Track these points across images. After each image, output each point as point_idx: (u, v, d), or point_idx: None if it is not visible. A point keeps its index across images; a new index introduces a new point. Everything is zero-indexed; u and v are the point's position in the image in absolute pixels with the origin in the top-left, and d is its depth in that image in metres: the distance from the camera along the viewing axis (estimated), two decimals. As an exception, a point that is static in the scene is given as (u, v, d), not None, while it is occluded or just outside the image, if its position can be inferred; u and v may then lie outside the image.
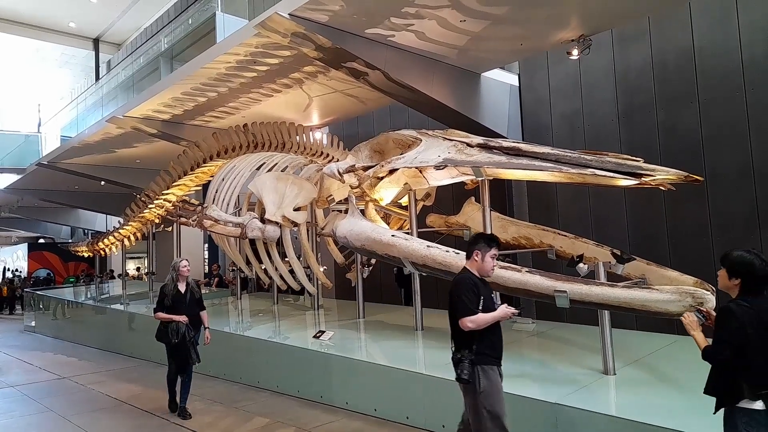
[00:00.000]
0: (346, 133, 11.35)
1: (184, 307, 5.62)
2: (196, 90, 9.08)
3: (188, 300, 5.68)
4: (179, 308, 5.59)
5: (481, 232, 3.57)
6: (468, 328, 3.31)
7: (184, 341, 5.48)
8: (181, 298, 5.64)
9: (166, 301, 5.58)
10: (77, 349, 10.29)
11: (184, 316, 5.56)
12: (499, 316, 3.37)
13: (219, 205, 8.17)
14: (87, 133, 12.35)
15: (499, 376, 3.40)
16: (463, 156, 5.06)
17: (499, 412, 3.28)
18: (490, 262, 3.49)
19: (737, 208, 7.27)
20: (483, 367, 3.31)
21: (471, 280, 3.44)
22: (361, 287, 7.63)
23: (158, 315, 5.61)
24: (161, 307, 5.60)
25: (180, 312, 5.56)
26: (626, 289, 3.80)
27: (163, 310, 5.58)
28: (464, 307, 3.34)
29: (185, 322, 5.54)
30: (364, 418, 5.03)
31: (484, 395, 3.28)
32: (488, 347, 3.36)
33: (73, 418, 5.73)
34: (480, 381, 3.29)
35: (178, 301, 5.62)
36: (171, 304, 5.57)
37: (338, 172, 6.32)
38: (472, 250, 3.54)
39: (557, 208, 8.92)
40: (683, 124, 7.71)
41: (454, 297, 3.43)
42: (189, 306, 5.67)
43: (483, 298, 3.38)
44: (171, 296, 5.58)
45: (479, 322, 3.30)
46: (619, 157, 4.17)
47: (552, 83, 9.05)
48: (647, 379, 4.39)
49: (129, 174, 14.79)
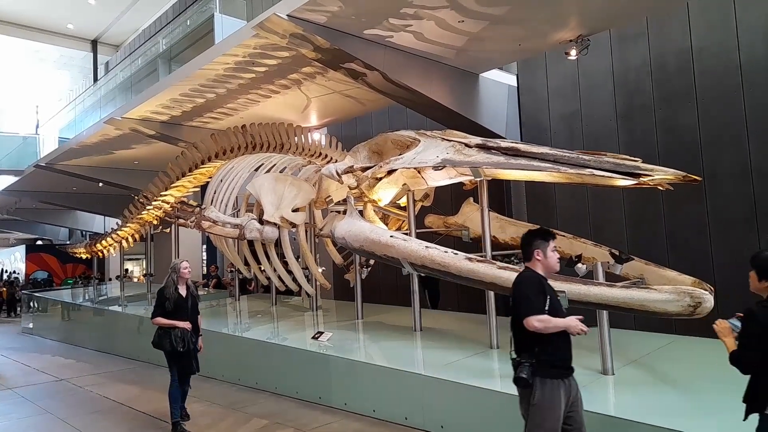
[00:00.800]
0: (344, 134, 11.35)
1: (186, 312, 5.26)
2: (194, 91, 9.08)
3: (190, 304, 5.33)
4: (181, 313, 5.22)
5: (532, 230, 3.29)
6: (534, 327, 2.98)
7: (188, 349, 5.16)
8: (183, 302, 5.26)
9: (168, 305, 5.19)
10: (75, 351, 10.26)
11: (188, 323, 5.21)
12: (569, 326, 3.03)
13: (217, 206, 8.16)
14: (85, 135, 12.34)
15: (564, 390, 3.03)
16: (461, 156, 5.06)
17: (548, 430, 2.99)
18: (553, 257, 3.22)
19: (736, 208, 7.27)
20: (543, 379, 3.01)
21: (537, 278, 3.17)
22: (360, 288, 7.63)
23: (158, 320, 5.20)
24: (161, 312, 5.21)
25: (182, 317, 5.20)
26: (624, 289, 3.80)
27: (163, 314, 5.20)
28: (530, 304, 3.03)
29: (189, 328, 5.20)
30: (363, 419, 5.02)
31: (536, 409, 3.01)
32: (552, 356, 3.03)
33: (71, 420, 5.71)
34: (536, 392, 3.01)
35: (180, 306, 5.24)
36: (173, 309, 5.19)
37: (336, 173, 6.31)
38: (531, 250, 3.23)
39: (556, 209, 8.92)
40: (682, 125, 7.71)
41: (518, 294, 3.16)
42: (191, 311, 5.32)
43: (550, 298, 3.10)
44: (173, 300, 5.20)
45: (547, 323, 2.99)
46: (618, 157, 4.17)
47: (550, 84, 9.06)
48: (646, 379, 4.39)
49: (127, 175, 14.77)
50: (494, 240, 6.31)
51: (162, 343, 5.18)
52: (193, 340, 5.24)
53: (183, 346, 5.12)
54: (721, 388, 4.10)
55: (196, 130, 10.94)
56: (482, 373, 4.73)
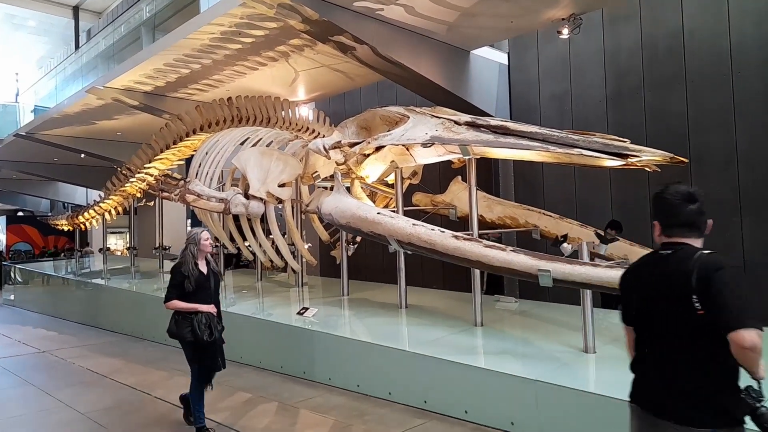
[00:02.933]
0: (332, 109, 11.21)
1: (209, 293, 4.37)
2: (178, 61, 8.87)
3: (213, 284, 4.43)
4: (203, 295, 4.32)
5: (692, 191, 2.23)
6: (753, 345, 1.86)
7: (215, 339, 4.28)
8: (204, 281, 4.34)
9: (187, 285, 4.25)
10: (57, 323, 10.18)
11: (213, 306, 4.35)
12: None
13: (202, 179, 8.05)
14: (66, 104, 12.04)
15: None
16: (450, 134, 5.02)
17: None
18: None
19: (720, 192, 7.35)
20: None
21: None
22: (346, 265, 7.62)
23: (174, 304, 4.27)
24: (178, 293, 4.27)
25: (204, 299, 4.30)
26: (608, 269, 3.83)
27: (181, 296, 4.28)
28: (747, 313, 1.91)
29: (214, 313, 4.34)
30: (347, 394, 5.06)
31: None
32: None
33: (54, 392, 5.68)
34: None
35: (202, 286, 4.31)
36: (193, 289, 4.27)
37: (324, 148, 6.24)
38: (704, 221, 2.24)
39: (543, 189, 8.95)
40: (670, 107, 7.73)
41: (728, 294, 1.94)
42: (214, 292, 4.45)
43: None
44: (194, 279, 4.27)
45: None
46: (606, 138, 4.17)
47: (541, 63, 9.00)
48: (626, 357, 4.46)
49: (110, 147, 14.50)
50: (481, 219, 6.32)
51: (181, 332, 4.24)
52: (219, 328, 4.35)
53: (210, 335, 4.21)
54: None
55: (180, 101, 10.72)
56: (465, 349, 4.78)
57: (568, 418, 3.74)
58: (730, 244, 7.25)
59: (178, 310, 4.29)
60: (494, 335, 5.20)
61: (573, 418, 3.72)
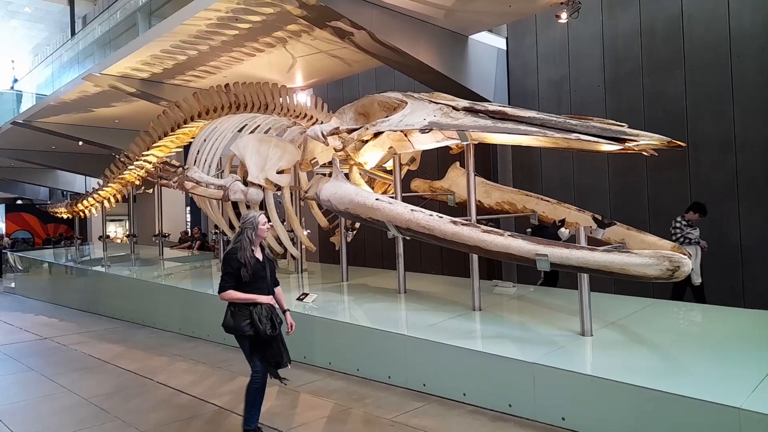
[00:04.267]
0: (330, 95, 11.18)
1: (266, 282, 3.97)
2: (175, 48, 8.83)
3: (269, 273, 4.02)
4: (260, 284, 3.92)
5: None
6: None
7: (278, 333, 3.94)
8: (261, 269, 3.93)
9: (244, 274, 3.83)
10: (58, 311, 10.23)
11: (272, 297, 3.97)
12: None
13: (200, 166, 8.05)
14: (63, 91, 12.00)
15: None
16: (448, 119, 5.02)
17: None
18: None
19: (717, 176, 7.38)
20: None
21: None
22: (345, 251, 7.65)
23: (231, 294, 3.85)
24: (234, 282, 3.86)
25: (262, 289, 3.92)
26: (605, 253, 3.86)
27: (238, 286, 3.86)
28: None
29: (274, 304, 3.98)
30: (347, 378, 5.12)
31: None
32: None
33: (56, 377, 5.73)
34: None
35: (259, 275, 3.91)
36: (250, 279, 3.86)
37: (322, 134, 6.23)
38: None
39: (541, 174, 8.96)
40: (668, 92, 7.72)
41: None
42: (272, 281, 4.05)
43: None
44: (251, 266, 3.86)
45: None
46: (604, 122, 4.17)
47: (540, 48, 8.97)
48: (623, 340, 4.51)
49: (107, 134, 14.47)
50: (479, 205, 6.33)
51: (239, 325, 3.83)
52: (279, 321, 3.95)
53: (272, 328, 3.85)
54: (695, 349, 4.24)
55: (178, 88, 10.69)
56: (464, 333, 4.83)
57: (565, 400, 3.80)
58: (726, 229, 7.29)
59: (235, 301, 3.87)
60: (492, 320, 5.25)
61: (569, 399, 3.78)
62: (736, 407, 3.07)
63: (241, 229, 3.98)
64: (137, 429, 4.22)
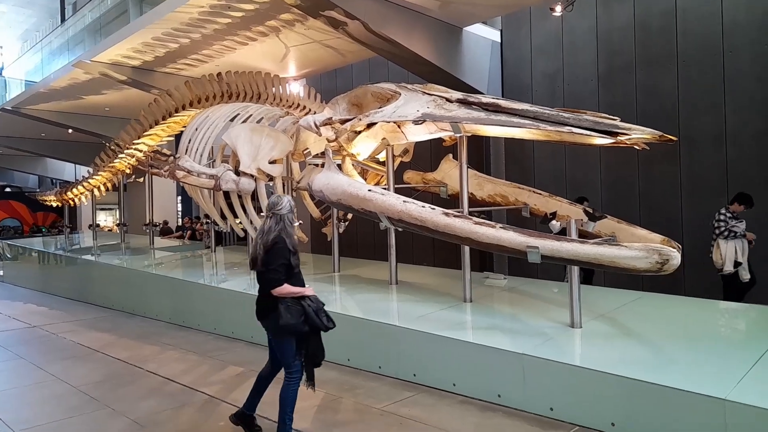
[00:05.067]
0: (324, 86, 11.12)
1: (301, 273, 3.69)
2: (167, 35, 8.74)
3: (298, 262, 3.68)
4: (299, 275, 3.65)
5: None
6: None
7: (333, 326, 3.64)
8: (297, 260, 3.64)
9: (294, 262, 3.55)
10: (47, 299, 10.17)
11: (311, 288, 3.64)
12: None
13: (192, 156, 8.00)
14: (53, 78, 11.85)
15: None
16: (442, 111, 5.01)
17: None
18: None
19: (708, 171, 7.43)
20: None
21: None
22: (337, 242, 7.65)
23: (287, 289, 3.46)
24: (285, 275, 3.48)
25: (300, 281, 3.64)
26: (596, 246, 3.88)
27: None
28: None
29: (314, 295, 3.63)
30: (338, 368, 5.13)
31: None
32: None
33: (45, 365, 5.71)
34: None
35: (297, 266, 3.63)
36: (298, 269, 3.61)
37: (315, 124, 6.20)
38: None
39: (533, 167, 8.99)
40: (661, 87, 7.75)
41: None
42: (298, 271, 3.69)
43: None
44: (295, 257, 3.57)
45: None
46: (597, 116, 4.18)
47: (534, 41, 8.96)
48: (611, 332, 4.56)
49: (98, 122, 14.34)
50: (471, 197, 6.35)
51: (297, 322, 3.45)
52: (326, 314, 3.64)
53: (328, 319, 3.58)
54: (682, 341, 4.29)
55: (169, 76, 10.59)
56: (455, 324, 4.85)
57: (554, 391, 3.84)
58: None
59: (289, 296, 3.47)
60: (483, 311, 5.28)
61: (558, 390, 3.82)
62: (722, 398, 3.11)
63: (274, 213, 3.54)
64: (127, 417, 4.21)
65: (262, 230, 3.59)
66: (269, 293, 3.50)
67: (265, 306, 3.56)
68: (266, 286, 3.51)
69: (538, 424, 3.75)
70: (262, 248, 3.52)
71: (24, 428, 4.11)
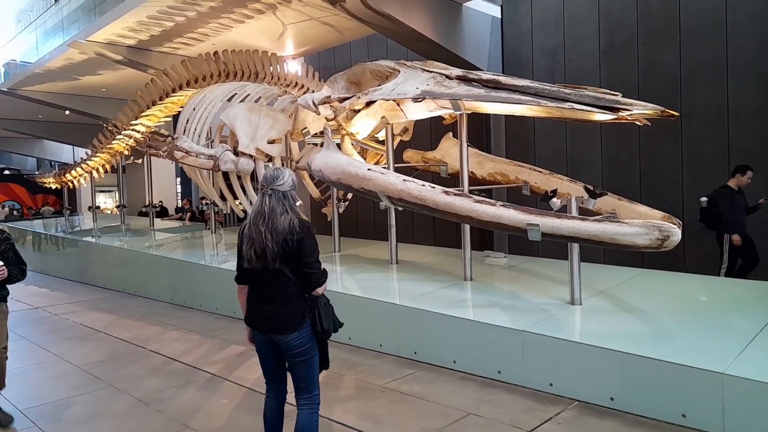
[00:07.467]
0: (322, 64, 11.00)
1: None
2: (162, 13, 8.61)
3: None
4: None
5: None
6: None
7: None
8: None
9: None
10: (49, 281, 10.21)
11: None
12: None
13: (190, 136, 7.94)
14: (48, 59, 11.72)
15: None
16: (442, 88, 4.95)
17: None
18: None
19: (709, 147, 7.38)
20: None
21: None
22: (337, 222, 7.65)
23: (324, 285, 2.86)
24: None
25: None
26: (596, 223, 3.87)
27: None
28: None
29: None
30: (339, 346, 5.17)
31: None
32: None
33: (48, 346, 5.75)
34: None
35: None
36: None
37: (313, 103, 6.14)
38: None
39: (534, 145, 8.94)
40: (663, 62, 7.66)
41: None
42: None
43: None
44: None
45: None
46: (598, 91, 4.13)
47: (535, 16, 8.83)
48: (611, 308, 4.57)
49: (95, 103, 14.23)
50: (472, 175, 6.32)
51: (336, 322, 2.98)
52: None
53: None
54: (682, 317, 4.31)
55: (165, 56, 10.47)
56: (455, 303, 4.87)
57: (553, 367, 3.86)
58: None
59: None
60: (483, 289, 5.30)
61: (557, 366, 3.84)
62: (720, 372, 3.14)
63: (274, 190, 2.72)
64: (131, 395, 4.26)
65: (262, 212, 2.71)
66: (299, 296, 2.77)
67: (294, 314, 2.76)
68: (312, 285, 2.78)
69: (537, 400, 3.78)
70: (272, 236, 2.66)
71: (29, 407, 4.16)
